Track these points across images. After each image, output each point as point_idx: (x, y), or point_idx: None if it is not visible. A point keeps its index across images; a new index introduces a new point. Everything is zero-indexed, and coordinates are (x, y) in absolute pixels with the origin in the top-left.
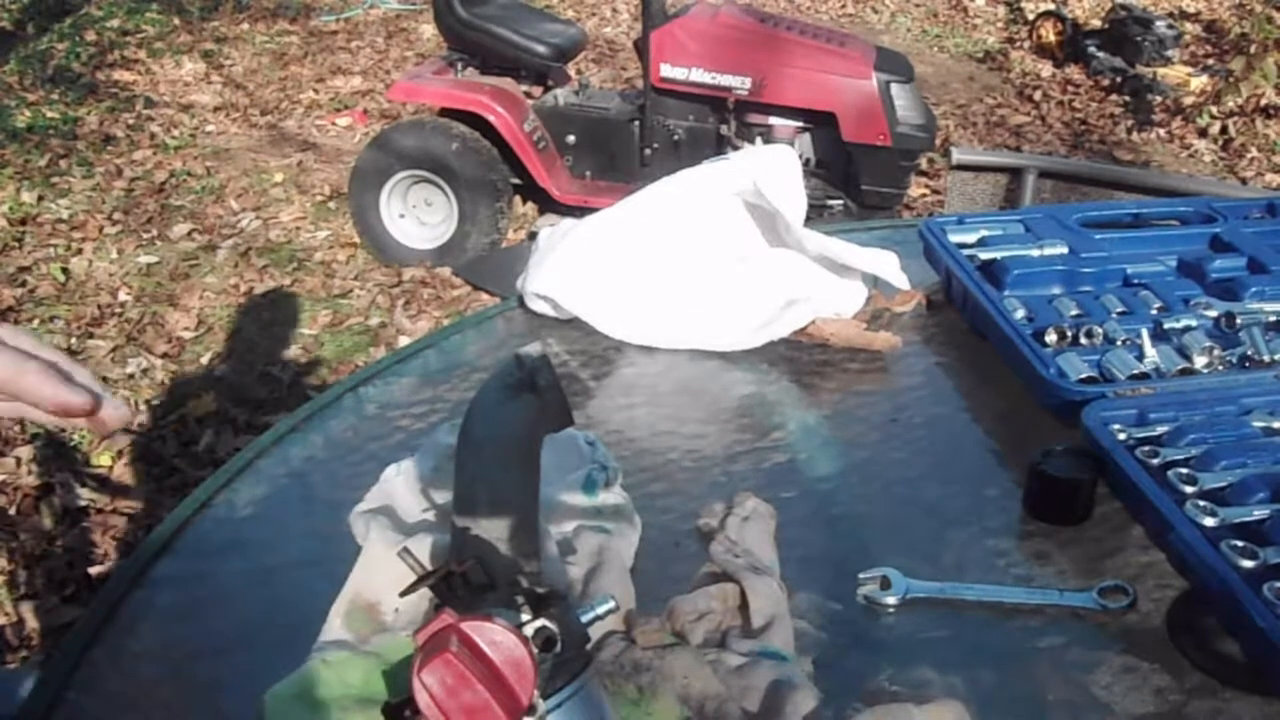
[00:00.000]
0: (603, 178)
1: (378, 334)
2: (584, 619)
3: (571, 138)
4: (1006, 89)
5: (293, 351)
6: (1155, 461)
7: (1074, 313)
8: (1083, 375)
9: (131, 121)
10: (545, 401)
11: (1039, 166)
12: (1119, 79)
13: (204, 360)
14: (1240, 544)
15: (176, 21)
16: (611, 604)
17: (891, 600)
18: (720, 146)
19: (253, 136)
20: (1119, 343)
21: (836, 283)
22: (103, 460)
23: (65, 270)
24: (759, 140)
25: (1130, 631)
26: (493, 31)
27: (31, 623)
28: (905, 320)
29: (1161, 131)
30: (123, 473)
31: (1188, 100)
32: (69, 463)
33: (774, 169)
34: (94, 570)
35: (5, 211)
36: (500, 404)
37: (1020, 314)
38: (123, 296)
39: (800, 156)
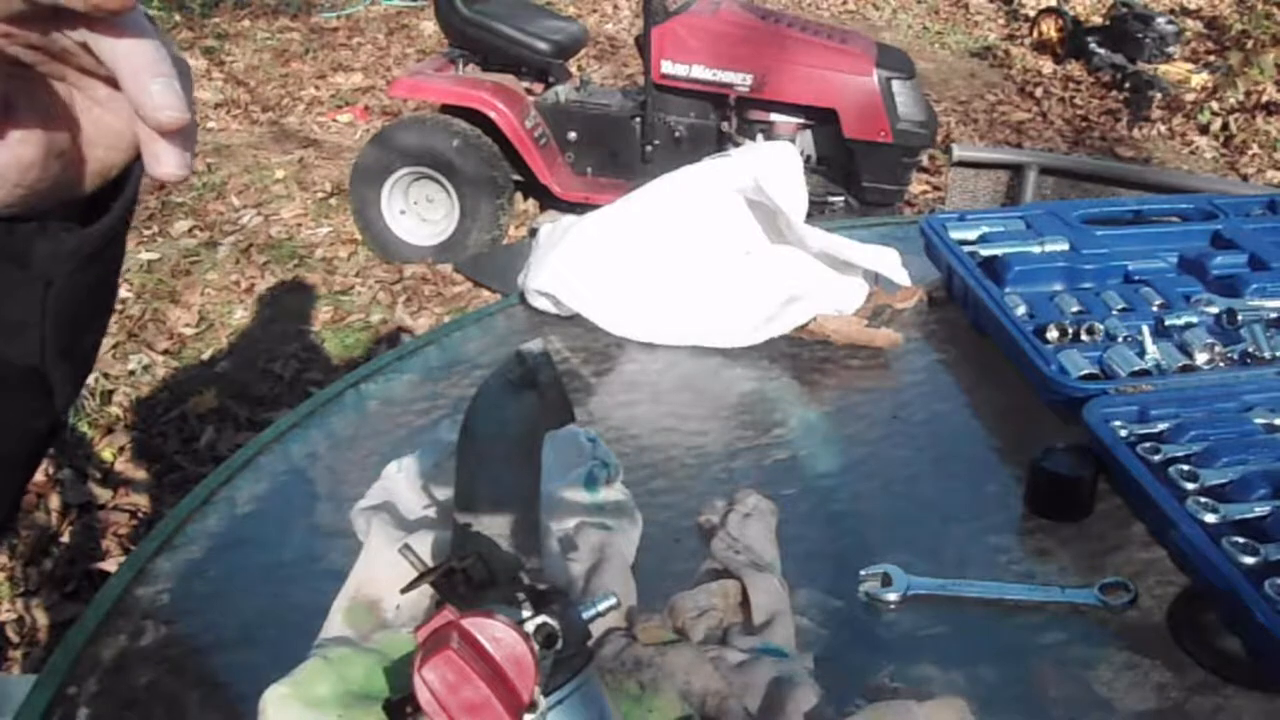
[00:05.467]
0: (604, 174)
1: (379, 330)
2: (585, 616)
3: (573, 134)
4: (1007, 86)
5: (294, 348)
6: (1156, 458)
7: (1075, 309)
8: (1084, 372)
9: None
10: (546, 398)
11: (1040, 163)
12: (1120, 76)
13: (205, 357)
14: (1242, 540)
15: (177, 18)
16: (613, 600)
17: (893, 597)
18: (721, 143)
19: (254, 133)
20: (1120, 339)
21: (838, 280)
22: (105, 456)
23: None
24: (760, 137)
25: (1132, 628)
26: (494, 28)
27: (33, 619)
28: (906, 317)
29: (1162, 128)
30: (124, 469)
31: (1188, 97)
32: (71, 459)
33: (775, 166)
34: (95, 566)
35: None
36: (501, 401)
37: (1021, 310)
38: (124, 293)
39: (801, 153)
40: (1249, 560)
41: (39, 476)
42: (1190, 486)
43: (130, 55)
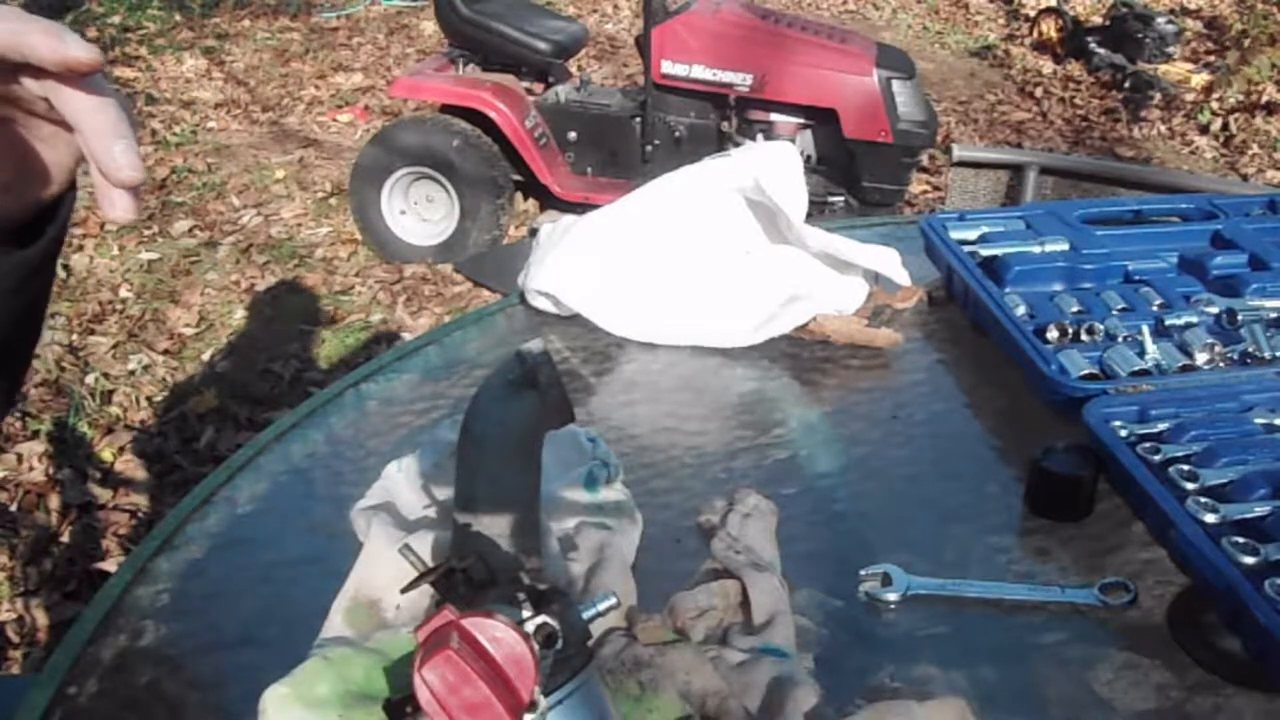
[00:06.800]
0: (604, 174)
1: (379, 330)
2: (585, 615)
3: (573, 134)
4: (1008, 85)
5: (294, 348)
6: (1156, 458)
7: (1075, 309)
8: (1084, 372)
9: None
10: (547, 398)
11: (1040, 163)
12: (1120, 75)
13: (205, 357)
14: (1241, 540)
15: (178, 18)
16: (613, 600)
17: (893, 597)
18: (721, 143)
19: (254, 133)
20: (1120, 339)
21: (838, 279)
22: (105, 456)
23: (66, 267)
24: (760, 137)
25: (1131, 628)
26: (494, 28)
27: (33, 619)
28: (906, 317)
29: (1162, 128)
30: (124, 469)
31: (1188, 97)
32: (71, 459)
33: (775, 166)
34: (95, 566)
35: None
36: (502, 400)
37: (1021, 310)
38: (124, 293)
39: (801, 153)
40: (1249, 560)
41: (39, 476)
42: (1190, 486)
43: (94, 115)
